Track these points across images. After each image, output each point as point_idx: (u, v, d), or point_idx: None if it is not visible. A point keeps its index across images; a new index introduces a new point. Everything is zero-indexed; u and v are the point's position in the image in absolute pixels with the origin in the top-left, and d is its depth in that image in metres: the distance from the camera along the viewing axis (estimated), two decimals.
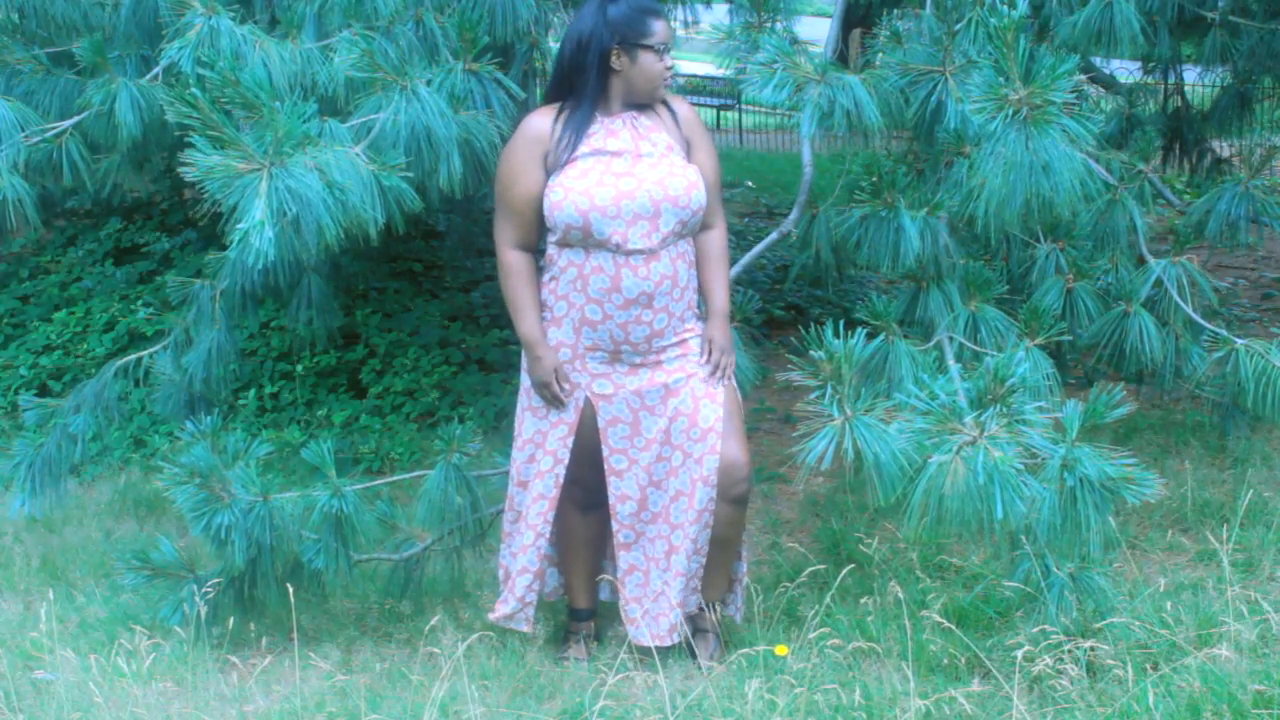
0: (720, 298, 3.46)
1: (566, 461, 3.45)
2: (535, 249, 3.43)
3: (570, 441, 3.45)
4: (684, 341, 3.41)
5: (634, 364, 3.38)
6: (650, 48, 3.29)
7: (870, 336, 2.79)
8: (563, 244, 3.33)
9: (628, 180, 3.27)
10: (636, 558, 3.51)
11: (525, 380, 3.48)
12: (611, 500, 3.47)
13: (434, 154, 3.32)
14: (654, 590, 3.48)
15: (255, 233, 2.79)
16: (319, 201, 2.91)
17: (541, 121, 3.35)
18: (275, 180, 2.85)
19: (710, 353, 3.43)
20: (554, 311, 3.40)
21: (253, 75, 2.90)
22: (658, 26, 3.29)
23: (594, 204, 3.24)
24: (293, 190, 2.87)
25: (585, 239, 3.28)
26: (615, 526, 3.49)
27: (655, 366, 3.39)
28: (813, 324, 2.82)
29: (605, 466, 3.45)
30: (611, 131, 3.33)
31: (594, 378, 3.41)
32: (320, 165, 2.95)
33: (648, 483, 3.44)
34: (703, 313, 3.48)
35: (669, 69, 3.33)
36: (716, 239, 3.47)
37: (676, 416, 3.38)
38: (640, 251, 3.27)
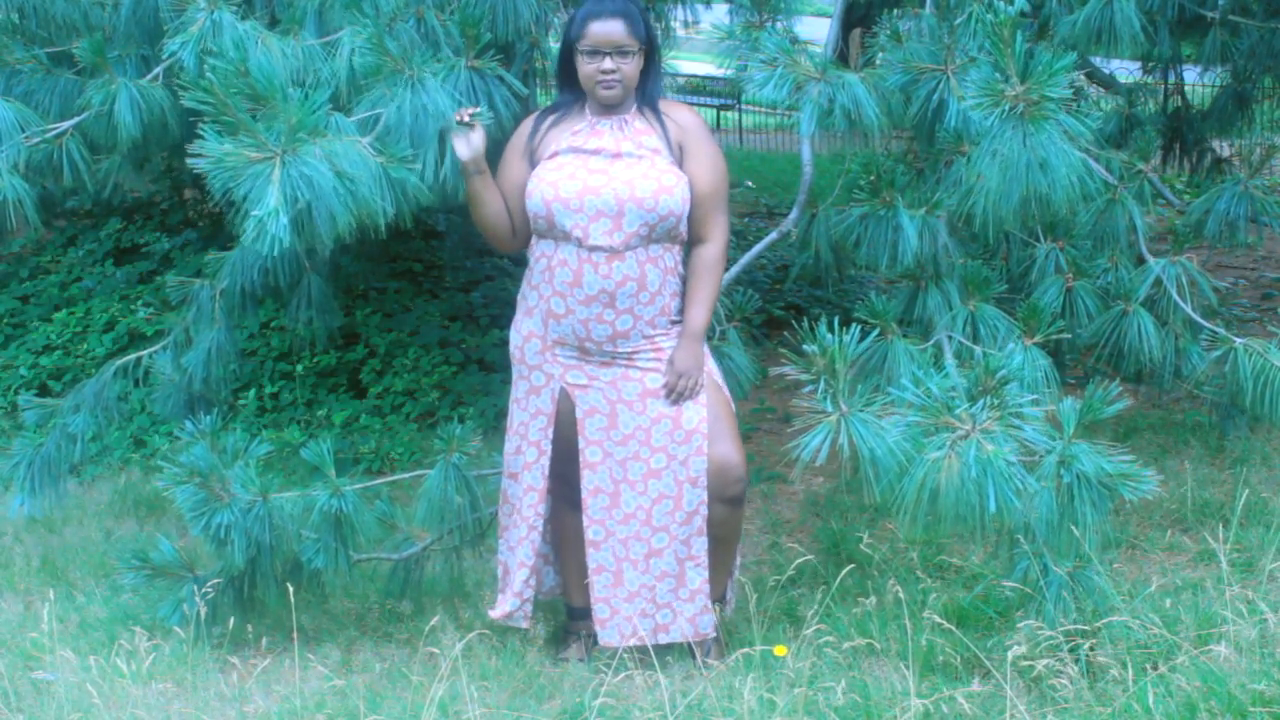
0: (696, 317, 3.36)
1: (549, 453, 3.48)
2: (522, 235, 3.47)
3: (550, 433, 3.47)
4: (659, 349, 3.37)
5: (604, 360, 3.39)
6: (582, 50, 3.31)
7: (866, 335, 2.78)
8: (537, 234, 3.40)
9: (598, 177, 3.29)
10: (605, 558, 3.47)
11: (515, 371, 3.51)
12: (584, 494, 3.46)
13: (439, 146, 3.32)
14: (627, 591, 3.45)
15: (270, 219, 2.78)
16: (331, 190, 2.91)
17: (532, 117, 3.48)
18: (288, 168, 2.84)
19: (669, 374, 3.35)
20: (527, 301, 3.46)
21: (260, 66, 2.89)
22: (591, 29, 3.28)
23: (558, 195, 3.29)
24: (306, 178, 2.86)
25: (550, 229, 3.33)
26: (586, 522, 3.48)
27: (628, 364, 3.38)
28: (806, 320, 2.82)
29: (579, 459, 3.45)
30: (596, 132, 3.36)
31: (566, 369, 3.42)
32: (329, 155, 2.95)
33: (622, 478, 3.42)
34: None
35: (604, 72, 3.29)
36: (708, 253, 3.37)
37: (659, 419, 3.36)
38: (602, 249, 3.27)
